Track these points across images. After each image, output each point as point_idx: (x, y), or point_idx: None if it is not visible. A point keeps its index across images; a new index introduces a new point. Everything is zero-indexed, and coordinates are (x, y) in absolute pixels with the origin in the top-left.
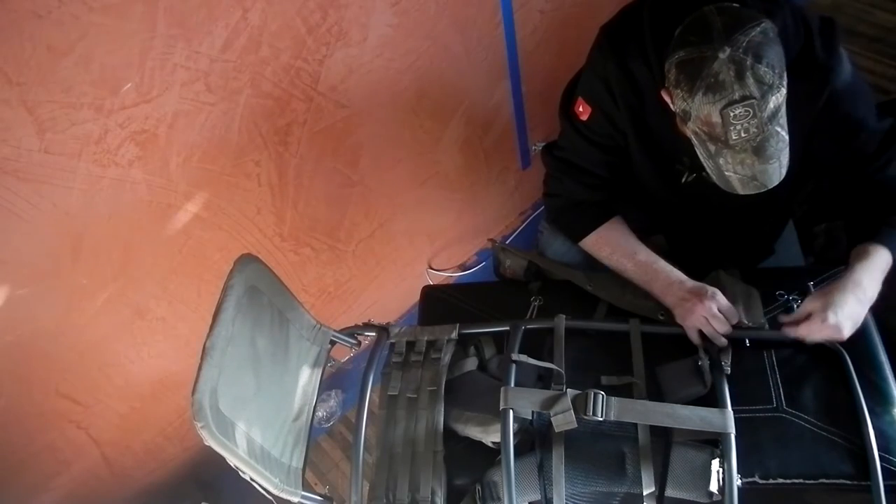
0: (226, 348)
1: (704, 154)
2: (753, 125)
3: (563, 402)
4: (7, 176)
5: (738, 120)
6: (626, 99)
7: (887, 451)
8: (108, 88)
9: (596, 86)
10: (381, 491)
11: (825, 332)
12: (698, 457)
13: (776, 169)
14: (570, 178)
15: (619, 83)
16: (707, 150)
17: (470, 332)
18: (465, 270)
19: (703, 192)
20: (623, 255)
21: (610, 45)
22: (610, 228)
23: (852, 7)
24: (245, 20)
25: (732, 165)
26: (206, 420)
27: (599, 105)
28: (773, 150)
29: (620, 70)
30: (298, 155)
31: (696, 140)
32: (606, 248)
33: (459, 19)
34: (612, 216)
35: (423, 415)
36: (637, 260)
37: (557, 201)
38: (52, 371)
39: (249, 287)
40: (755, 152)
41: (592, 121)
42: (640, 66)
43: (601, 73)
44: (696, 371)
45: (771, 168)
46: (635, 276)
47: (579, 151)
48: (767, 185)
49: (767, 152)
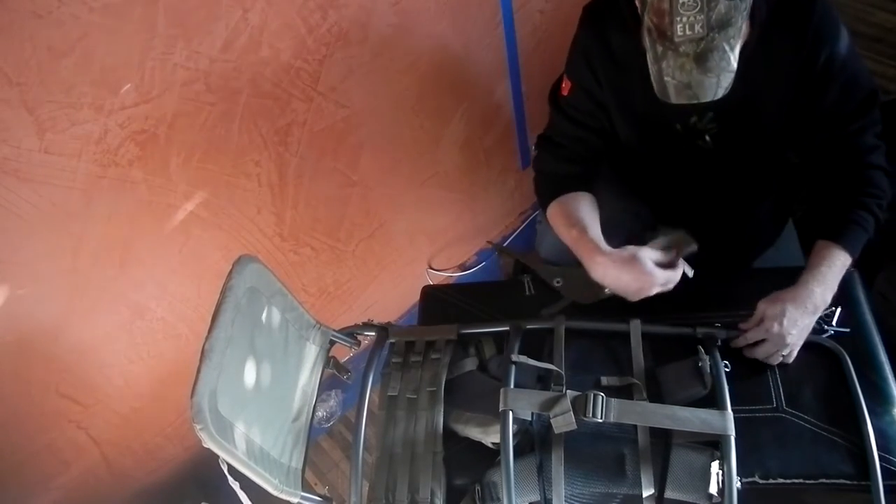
0: (225, 350)
1: (652, 57)
2: (699, 23)
3: (563, 403)
4: (7, 176)
5: (685, 10)
6: (607, 72)
7: (887, 451)
8: (108, 88)
9: (577, 62)
10: (380, 491)
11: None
12: (698, 459)
13: (713, 84)
14: (547, 153)
15: (600, 56)
16: (655, 52)
17: (470, 333)
18: (465, 270)
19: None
20: (565, 225)
21: (589, 20)
22: (570, 199)
23: (852, 7)
24: (245, 20)
25: (672, 69)
26: (206, 422)
27: (579, 81)
28: (714, 65)
29: (600, 43)
30: (298, 155)
31: (648, 40)
32: (557, 219)
33: (459, 19)
34: (580, 190)
35: (423, 415)
36: (572, 232)
37: (538, 178)
38: (52, 371)
39: (248, 288)
40: (696, 60)
41: (572, 96)
42: (619, 37)
43: (581, 48)
44: (696, 372)
45: (708, 81)
46: (573, 250)
47: (559, 127)
48: (699, 98)
49: (708, 63)
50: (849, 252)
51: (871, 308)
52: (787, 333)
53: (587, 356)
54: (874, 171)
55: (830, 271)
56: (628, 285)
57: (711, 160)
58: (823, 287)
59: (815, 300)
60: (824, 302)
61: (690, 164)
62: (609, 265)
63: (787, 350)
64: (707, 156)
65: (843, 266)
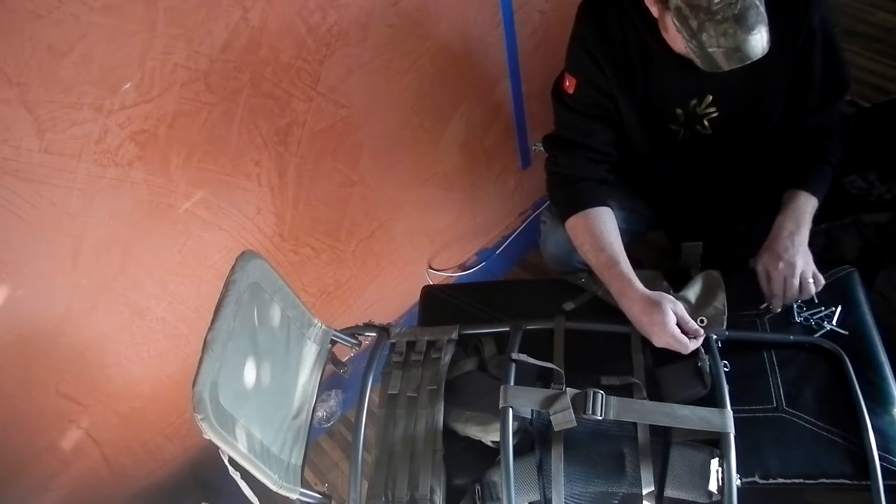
0: (227, 343)
1: (688, 34)
2: None
3: (563, 400)
4: (7, 176)
5: None
6: (609, 60)
7: (887, 451)
8: (108, 88)
9: (578, 56)
10: (379, 489)
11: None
12: (698, 456)
13: (759, 40)
14: (563, 154)
15: (601, 46)
16: (690, 28)
17: (470, 333)
18: (465, 270)
19: (699, 150)
20: (592, 247)
21: (587, 12)
22: (593, 215)
23: (852, 7)
24: (245, 20)
25: (716, 38)
26: (206, 412)
27: (583, 74)
28: (754, 21)
29: (599, 32)
30: (298, 155)
31: (679, 19)
32: (582, 236)
33: (459, 19)
34: (601, 203)
35: (423, 414)
36: (600, 257)
37: (553, 179)
38: (52, 371)
39: (251, 283)
40: (737, 20)
41: (578, 91)
42: (617, 24)
43: (581, 41)
44: (696, 372)
45: (753, 39)
46: (598, 273)
47: (569, 125)
48: (751, 57)
49: (749, 21)
50: (813, 194)
51: (871, 308)
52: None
53: (587, 356)
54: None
55: (799, 209)
56: (646, 329)
57: (710, 147)
58: (794, 222)
59: (791, 234)
60: (803, 237)
61: (690, 153)
62: (635, 304)
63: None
64: (706, 143)
65: (812, 207)
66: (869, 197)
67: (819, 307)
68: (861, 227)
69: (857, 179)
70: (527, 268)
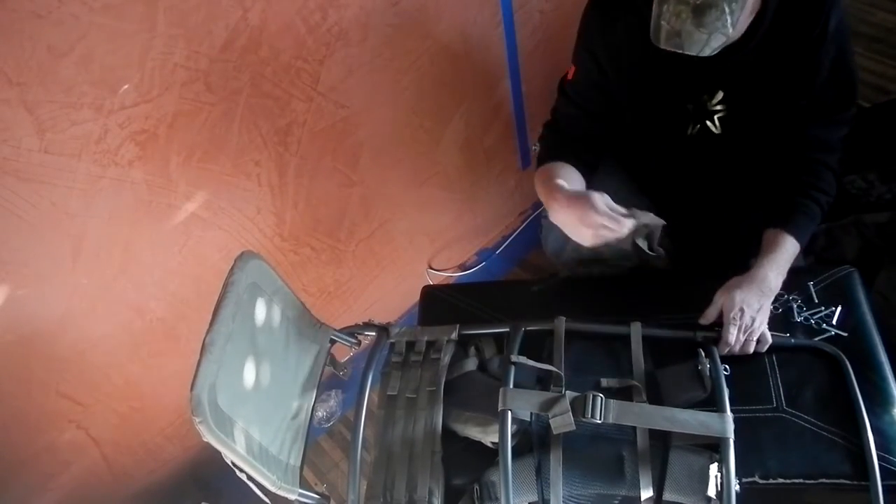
0: (225, 344)
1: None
2: None
3: (562, 404)
4: (7, 176)
5: None
6: (615, 59)
7: (886, 451)
8: (108, 88)
9: (582, 53)
10: (378, 490)
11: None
12: (697, 461)
13: (702, 40)
14: (549, 131)
15: (608, 46)
16: None
17: (470, 333)
18: (465, 270)
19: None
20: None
21: (595, 10)
22: (557, 164)
23: (852, 7)
24: (245, 20)
25: (670, 15)
26: (205, 415)
27: (584, 70)
28: (709, 21)
29: (608, 29)
30: (298, 155)
31: None
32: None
33: (459, 19)
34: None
35: (422, 416)
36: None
37: (540, 153)
38: (52, 371)
39: (250, 284)
40: (693, 11)
41: (576, 80)
42: (626, 22)
43: (586, 39)
44: (696, 375)
45: (698, 35)
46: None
47: (560, 110)
48: (684, 49)
49: (704, 18)
50: (797, 239)
51: (871, 308)
52: (751, 324)
53: (587, 358)
54: (828, 172)
55: (782, 257)
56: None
57: (717, 147)
58: (776, 272)
59: (769, 283)
60: (777, 286)
61: (696, 152)
62: (560, 203)
63: (756, 334)
64: (714, 142)
65: (793, 253)
66: (869, 197)
67: (819, 307)
68: (861, 227)
69: (857, 179)
70: (527, 268)
